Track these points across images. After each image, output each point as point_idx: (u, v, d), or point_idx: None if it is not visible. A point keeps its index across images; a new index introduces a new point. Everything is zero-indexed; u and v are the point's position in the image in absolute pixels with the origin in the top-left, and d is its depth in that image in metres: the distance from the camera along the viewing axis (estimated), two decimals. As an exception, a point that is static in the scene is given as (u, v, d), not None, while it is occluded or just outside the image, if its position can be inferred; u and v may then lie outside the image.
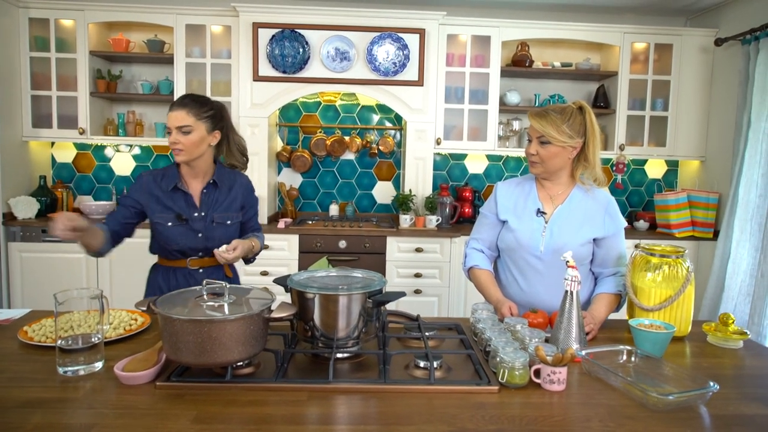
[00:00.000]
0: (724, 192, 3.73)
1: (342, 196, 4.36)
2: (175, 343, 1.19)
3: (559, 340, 1.45)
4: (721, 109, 3.85)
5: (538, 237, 1.80)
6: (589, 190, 1.83)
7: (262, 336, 1.26)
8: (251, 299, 1.30)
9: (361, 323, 1.37)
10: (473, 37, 3.90)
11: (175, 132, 1.89)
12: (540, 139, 1.76)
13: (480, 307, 1.66)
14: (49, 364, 1.32)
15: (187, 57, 3.83)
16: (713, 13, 3.98)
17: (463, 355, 1.44)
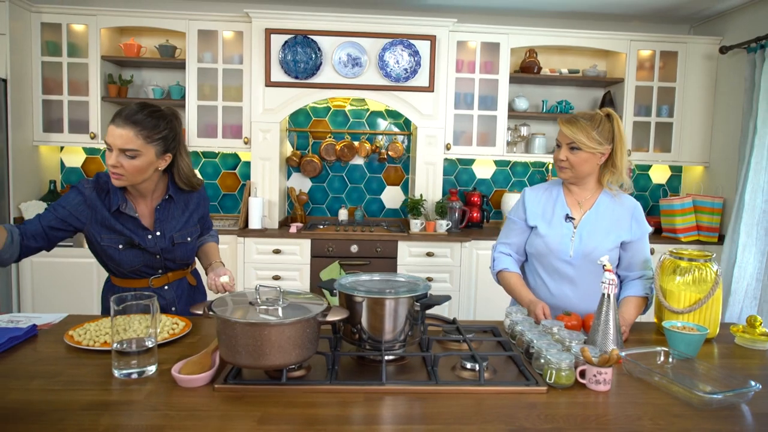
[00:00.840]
0: (729, 197, 3.81)
1: (351, 200, 4.39)
2: (234, 345, 1.22)
3: (597, 342, 1.49)
4: (725, 116, 3.94)
5: (568, 242, 1.85)
6: (616, 196, 1.89)
7: (315, 339, 1.29)
8: (303, 303, 1.33)
9: (407, 326, 1.41)
10: (482, 43, 3.96)
11: (116, 153, 1.61)
12: (570, 145, 1.81)
13: (513, 310, 1.70)
14: (101, 367, 1.34)
15: (198, 62, 3.86)
16: (717, 22, 4.06)
17: (503, 356, 1.48)
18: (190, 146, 3.91)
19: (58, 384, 1.25)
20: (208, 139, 3.93)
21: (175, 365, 1.30)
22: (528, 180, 4.43)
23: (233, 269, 3.71)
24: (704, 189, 4.11)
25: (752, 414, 1.21)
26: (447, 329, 1.66)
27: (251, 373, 1.33)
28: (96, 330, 1.55)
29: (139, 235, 1.77)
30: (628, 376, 1.38)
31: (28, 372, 1.32)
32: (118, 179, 1.65)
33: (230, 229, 3.79)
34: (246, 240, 3.67)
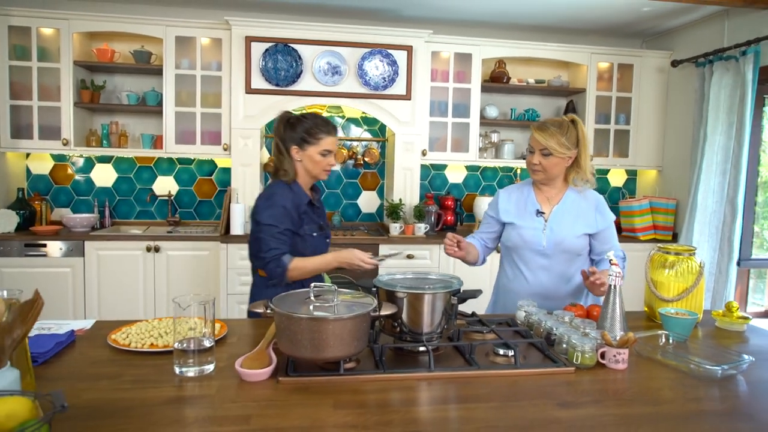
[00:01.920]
0: (682, 198, 4.18)
1: (328, 205, 4.49)
2: (299, 339, 1.32)
3: (606, 327, 1.68)
4: (676, 124, 4.31)
5: (540, 234, 2.08)
6: (581, 191, 2.13)
7: (368, 332, 1.41)
8: (354, 300, 1.45)
9: (444, 320, 1.55)
10: (456, 54, 4.16)
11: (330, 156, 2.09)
12: (542, 151, 2.03)
13: (525, 303, 1.88)
14: (158, 367, 1.41)
15: (176, 68, 3.86)
16: (667, 37, 4.45)
17: (525, 343, 1.64)
18: (167, 153, 3.91)
19: (126, 383, 1.31)
20: (185, 146, 3.94)
21: (237, 361, 1.39)
22: (497, 184, 4.68)
23: (216, 275, 3.73)
24: (659, 191, 4.47)
25: (747, 382, 1.42)
26: (470, 321, 1.81)
27: (303, 366, 1.43)
28: (137, 333, 1.60)
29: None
30: (638, 356, 1.57)
31: (88, 374, 1.37)
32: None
33: (211, 235, 3.81)
34: (229, 246, 3.70)
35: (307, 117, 2.08)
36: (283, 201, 2.02)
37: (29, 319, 0.99)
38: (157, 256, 3.69)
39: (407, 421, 1.17)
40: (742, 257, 3.66)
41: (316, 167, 2.08)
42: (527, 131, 4.63)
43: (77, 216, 3.85)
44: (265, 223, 1.99)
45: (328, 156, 2.07)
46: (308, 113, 2.11)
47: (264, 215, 2.00)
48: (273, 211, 2.00)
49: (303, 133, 2.04)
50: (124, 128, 4.10)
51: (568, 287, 2.11)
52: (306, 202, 2.08)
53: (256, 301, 1.41)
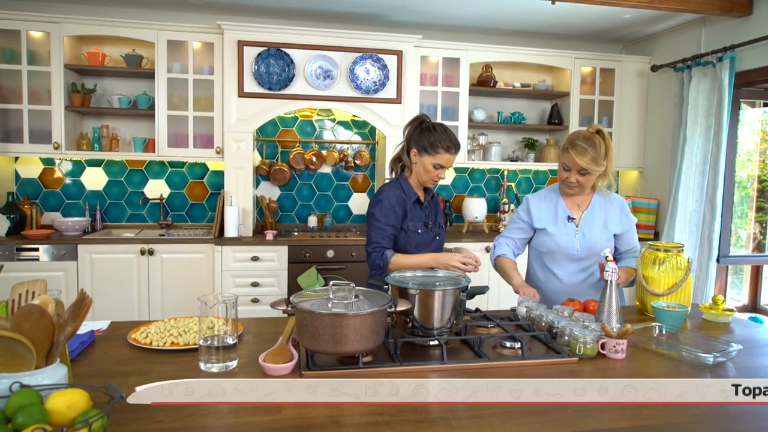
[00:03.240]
0: (663, 198, 4.34)
1: (319, 208, 4.55)
2: (321, 335, 1.39)
3: (603, 319, 1.79)
4: (656, 126, 4.48)
5: (573, 239, 2.18)
6: (606, 195, 2.25)
7: (384, 327, 1.49)
8: (370, 297, 1.52)
9: (453, 315, 1.63)
10: (444, 59, 4.27)
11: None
12: (580, 171, 2.11)
13: (524, 299, 1.98)
14: (182, 364, 1.47)
15: (168, 72, 3.89)
16: (646, 43, 4.62)
17: (528, 336, 1.74)
18: (160, 156, 3.93)
19: (156, 379, 1.36)
20: (178, 149, 3.97)
21: (261, 356, 1.45)
22: (485, 185, 4.79)
23: (210, 277, 3.77)
24: (640, 191, 4.64)
25: (736, 368, 1.54)
26: (474, 316, 1.90)
27: (322, 359, 1.50)
28: (156, 332, 1.65)
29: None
30: (635, 347, 1.68)
31: (116, 371, 1.42)
32: None
33: (205, 238, 3.84)
34: (224, 248, 3.74)
35: (437, 129, 2.16)
36: (389, 197, 2.16)
37: (79, 317, 1.04)
38: (151, 259, 3.72)
39: (426, 409, 1.25)
40: (721, 254, 3.83)
41: (425, 175, 2.18)
42: (514, 134, 4.77)
43: (69, 220, 3.85)
44: (372, 218, 2.17)
45: (439, 169, 2.16)
46: (441, 125, 2.19)
47: (373, 210, 2.18)
48: (379, 207, 2.16)
49: (426, 141, 2.15)
50: (116, 132, 4.10)
51: (599, 285, 2.22)
52: (413, 200, 2.20)
53: (278, 300, 1.48)
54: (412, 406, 1.25)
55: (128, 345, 1.61)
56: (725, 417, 1.25)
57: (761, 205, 4.22)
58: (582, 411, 1.25)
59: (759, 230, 4.26)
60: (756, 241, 4.25)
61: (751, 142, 4.21)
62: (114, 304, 3.68)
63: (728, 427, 1.21)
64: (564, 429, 1.17)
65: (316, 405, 1.25)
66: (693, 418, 1.24)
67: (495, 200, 4.79)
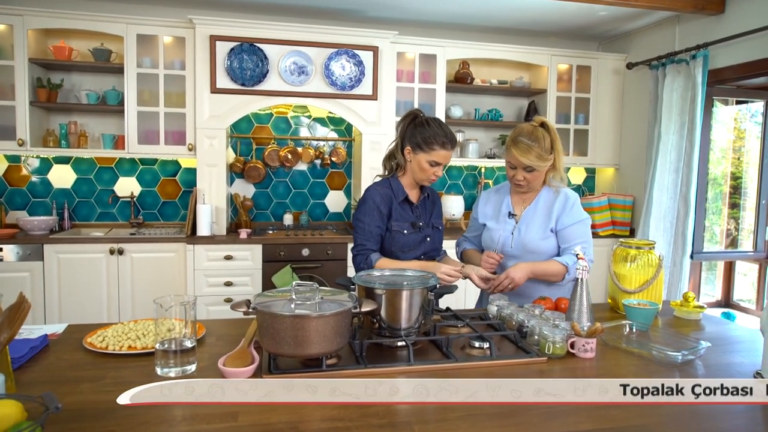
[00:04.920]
0: (638, 195, 4.37)
1: (295, 205, 4.49)
2: (282, 337, 1.34)
3: (574, 318, 1.76)
4: (632, 124, 4.51)
5: (509, 236, 2.14)
6: (557, 190, 2.15)
7: (349, 329, 1.45)
8: (334, 298, 1.48)
9: (421, 315, 1.60)
10: (421, 55, 4.23)
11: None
12: (526, 168, 2.05)
13: (496, 297, 1.95)
14: (139, 369, 1.41)
15: (138, 67, 3.79)
16: (622, 41, 4.64)
17: (498, 335, 1.71)
18: (130, 153, 3.84)
19: (109, 386, 1.31)
20: (149, 146, 3.87)
21: (220, 360, 1.40)
22: (462, 182, 4.77)
23: (182, 277, 3.69)
24: (616, 188, 4.66)
25: (704, 366, 1.53)
26: (445, 316, 1.87)
27: (285, 362, 1.45)
28: (114, 336, 1.59)
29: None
30: (605, 345, 1.66)
31: (68, 377, 1.35)
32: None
33: (177, 236, 3.76)
34: (196, 247, 3.67)
35: (432, 124, 2.06)
36: (373, 196, 2.08)
37: (16, 323, 0.98)
38: (120, 258, 3.62)
39: (390, 413, 1.21)
40: (695, 251, 3.86)
41: (421, 173, 2.08)
42: (491, 131, 4.75)
43: (35, 219, 3.74)
44: (356, 218, 2.11)
45: (435, 167, 2.06)
46: (436, 120, 2.08)
47: (357, 211, 2.12)
48: (363, 207, 2.09)
49: (420, 138, 2.05)
50: (84, 128, 3.99)
51: (542, 285, 2.13)
52: (401, 199, 2.11)
53: (238, 301, 1.42)
54: (376, 410, 1.22)
55: (84, 349, 1.54)
56: (693, 416, 1.24)
57: (735, 201, 4.26)
58: (549, 413, 1.22)
59: (734, 226, 4.30)
60: (730, 237, 4.29)
61: (725, 139, 4.25)
62: (82, 305, 3.58)
63: (695, 426, 1.19)
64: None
65: (275, 410, 1.20)
66: (661, 418, 1.22)
67: (472, 197, 4.78)
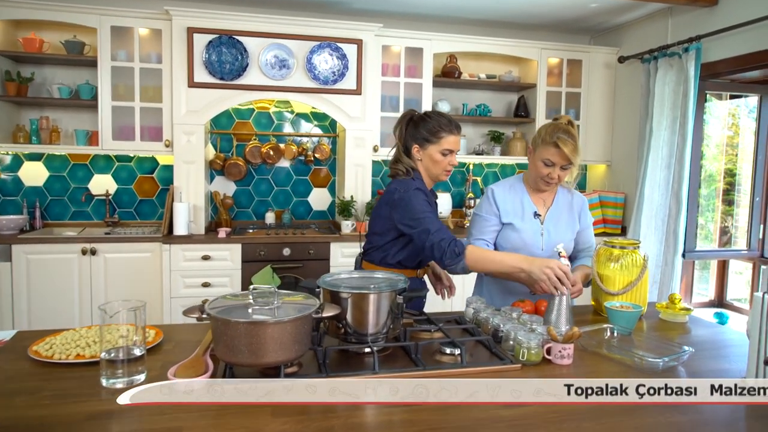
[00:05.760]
0: (630, 192, 4.31)
1: (277, 203, 4.42)
2: (236, 345, 1.27)
3: (552, 321, 1.70)
4: (624, 119, 4.45)
5: (538, 237, 2.09)
6: (570, 192, 2.17)
7: (310, 335, 1.38)
8: (296, 302, 1.41)
9: (389, 320, 1.53)
10: (407, 48, 4.16)
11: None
12: (564, 165, 2.00)
13: (473, 299, 1.89)
14: (84, 380, 1.34)
15: (112, 60, 3.71)
16: (614, 34, 4.58)
17: (473, 341, 1.65)
18: (104, 149, 3.75)
19: (47, 399, 1.23)
20: (124, 142, 3.79)
21: (170, 370, 1.33)
22: (450, 180, 4.71)
23: (158, 278, 3.61)
24: (608, 185, 4.61)
25: (687, 372, 1.47)
26: (418, 320, 1.80)
27: (242, 371, 1.38)
28: (62, 344, 1.52)
29: None
30: (583, 351, 1.60)
31: (3, 390, 1.28)
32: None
33: (153, 236, 3.68)
34: (172, 247, 3.59)
35: (431, 115, 2.02)
36: (419, 185, 1.97)
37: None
38: (93, 259, 3.54)
39: (350, 426, 1.15)
40: (687, 249, 3.81)
41: (436, 167, 2.02)
42: (480, 126, 4.69)
43: (3, 218, 3.65)
44: (419, 212, 1.90)
45: (449, 156, 2.01)
46: (432, 112, 2.06)
47: (415, 206, 1.91)
48: (419, 198, 1.92)
49: (425, 131, 1.99)
50: (56, 123, 3.90)
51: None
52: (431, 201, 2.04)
53: (191, 306, 1.35)
54: (331, 425, 1.15)
55: (29, 359, 1.47)
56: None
57: (730, 198, 4.21)
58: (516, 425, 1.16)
59: (731, 223, 4.25)
60: (728, 234, 4.24)
61: (720, 135, 4.20)
62: (52, 309, 3.49)
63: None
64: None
65: (224, 425, 1.13)
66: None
67: (460, 195, 4.71)
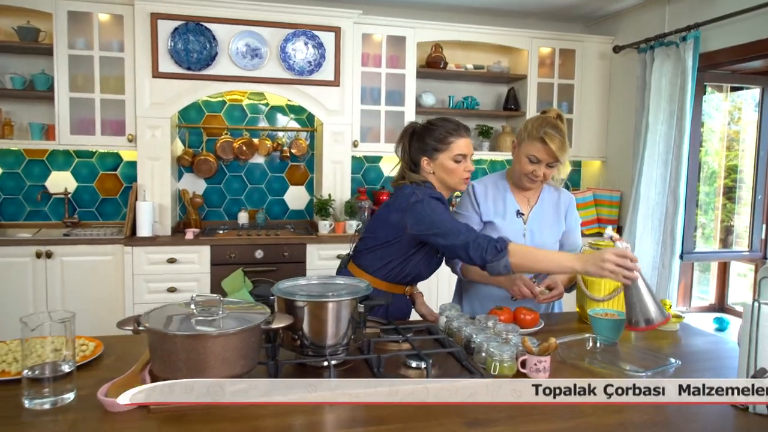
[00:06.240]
0: (626, 190, 4.27)
1: (251, 202, 4.34)
2: (174, 361, 1.21)
3: (638, 313, 1.57)
4: (619, 112, 4.41)
5: (520, 238, 2.03)
6: (557, 189, 2.12)
7: (258, 348, 1.32)
8: (242, 312, 1.35)
9: (350, 330, 1.47)
10: (388, 37, 4.10)
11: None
12: (551, 163, 1.95)
13: (447, 307, 1.83)
14: (3, 401, 1.26)
15: (70, 48, 3.62)
16: (609, 22, 4.54)
17: (444, 353, 1.59)
18: (62, 144, 3.67)
19: (-42, 422, 1.16)
20: (83, 137, 3.70)
21: (101, 389, 1.26)
22: (436, 177, 4.65)
23: (119, 283, 3.53)
24: (603, 183, 4.57)
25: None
26: (384, 330, 1.74)
27: (187, 390, 1.32)
28: (-12, 358, 1.44)
29: None
30: (562, 363, 1.55)
31: None
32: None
33: (114, 237, 3.60)
34: (135, 249, 3.51)
35: (435, 123, 1.94)
36: (436, 194, 1.90)
37: None
38: (49, 262, 3.45)
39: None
40: (685, 250, 3.77)
41: (452, 176, 1.93)
42: (467, 120, 4.63)
43: (-47, 218, 3.56)
44: (443, 214, 1.82)
45: (463, 161, 1.92)
46: (436, 119, 1.97)
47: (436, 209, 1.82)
48: (439, 206, 1.85)
49: (431, 141, 1.92)
50: (9, 116, 3.79)
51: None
52: None
53: (126, 318, 1.29)
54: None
55: (-51, 375, 1.39)
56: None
57: (732, 196, 4.18)
58: None
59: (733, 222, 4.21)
60: (732, 233, 4.20)
61: (724, 130, 4.16)
62: (3, 317, 3.40)
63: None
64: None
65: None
66: None
67: (448, 193, 4.66)
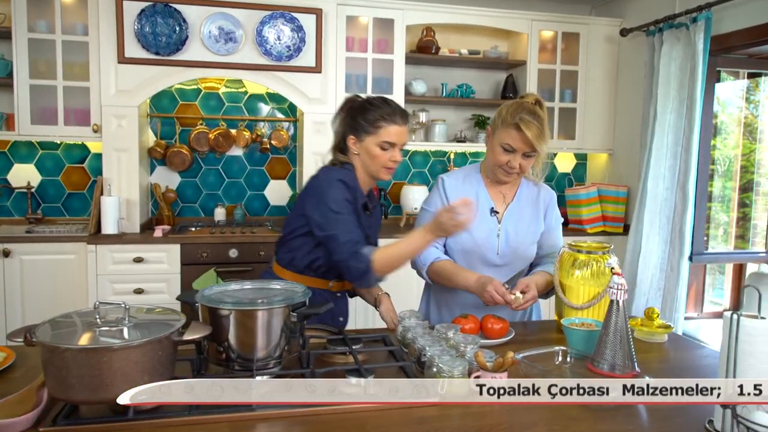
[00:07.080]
0: (633, 185, 4.15)
1: (229, 198, 4.27)
2: (65, 378, 1.13)
3: (606, 355, 1.48)
4: (627, 101, 4.28)
5: (494, 238, 1.94)
6: (536, 184, 2.03)
7: (170, 363, 1.23)
8: (156, 321, 1.26)
9: (283, 340, 1.38)
10: (375, 19, 4.00)
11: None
12: (527, 153, 1.86)
13: (407, 314, 1.74)
14: None
15: (29, 32, 3.55)
16: (618, 3, 4.41)
17: (394, 367, 1.50)
18: (21, 135, 3.61)
19: None
20: (46, 127, 3.64)
21: (-10, 406, 1.18)
22: (429, 171, 4.55)
23: (82, 284, 3.47)
24: (609, 177, 4.45)
25: (647, 410, 1.31)
26: (332, 340, 1.65)
27: (90, 409, 1.23)
28: None
29: None
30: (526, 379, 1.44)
31: None
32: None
33: (77, 235, 3.54)
34: (98, 248, 3.44)
35: (374, 102, 1.87)
36: (345, 177, 1.84)
37: None
38: (7, 261, 3.40)
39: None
40: (695, 251, 3.65)
41: (374, 162, 1.85)
42: (461, 109, 4.53)
43: None
44: (327, 208, 1.77)
45: (390, 150, 1.84)
46: (377, 98, 1.90)
47: (332, 197, 1.78)
48: (331, 193, 1.79)
49: (362, 121, 1.84)
50: (-33, 106, 3.76)
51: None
52: (362, 203, 1.89)
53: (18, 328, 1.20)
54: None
55: None
56: None
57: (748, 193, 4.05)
58: None
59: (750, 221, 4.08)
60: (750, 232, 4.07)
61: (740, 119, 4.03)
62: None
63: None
64: None
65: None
66: None
67: (441, 188, 4.56)
